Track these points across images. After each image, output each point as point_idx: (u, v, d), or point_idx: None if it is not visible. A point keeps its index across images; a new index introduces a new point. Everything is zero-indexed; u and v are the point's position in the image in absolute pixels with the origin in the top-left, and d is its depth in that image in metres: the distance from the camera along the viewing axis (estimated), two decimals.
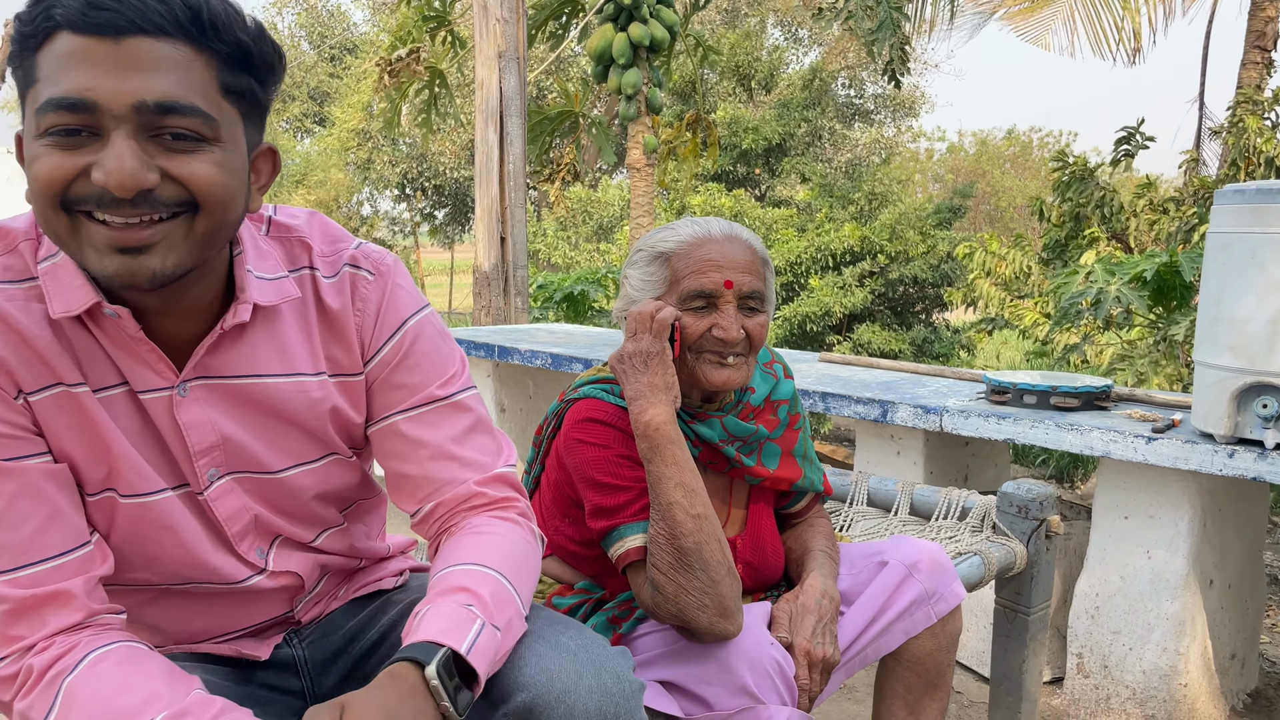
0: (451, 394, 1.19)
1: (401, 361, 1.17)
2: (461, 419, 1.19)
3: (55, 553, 0.99)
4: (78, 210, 0.92)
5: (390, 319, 1.16)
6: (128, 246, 0.92)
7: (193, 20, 0.90)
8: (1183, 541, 2.44)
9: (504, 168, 6.17)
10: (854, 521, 2.26)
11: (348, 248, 1.17)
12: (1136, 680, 2.49)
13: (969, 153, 27.31)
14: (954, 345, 11.74)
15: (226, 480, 1.12)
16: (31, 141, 0.92)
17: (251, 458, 1.12)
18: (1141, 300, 4.39)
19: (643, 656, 1.48)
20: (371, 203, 19.65)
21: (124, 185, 0.89)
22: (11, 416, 0.98)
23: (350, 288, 1.15)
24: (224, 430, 1.09)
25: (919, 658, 1.67)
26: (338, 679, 1.28)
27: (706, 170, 14.13)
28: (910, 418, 2.77)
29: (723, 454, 1.57)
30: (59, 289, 1.00)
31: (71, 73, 0.88)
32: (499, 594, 1.05)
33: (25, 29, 0.89)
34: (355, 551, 1.31)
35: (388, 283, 1.17)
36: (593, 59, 7.07)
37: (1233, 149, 6.65)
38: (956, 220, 12.86)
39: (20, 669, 0.96)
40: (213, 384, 1.08)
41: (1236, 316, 2.18)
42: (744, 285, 1.49)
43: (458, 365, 1.21)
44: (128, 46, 0.88)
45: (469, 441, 1.19)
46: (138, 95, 0.89)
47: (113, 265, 0.93)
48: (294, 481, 1.16)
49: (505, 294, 6.26)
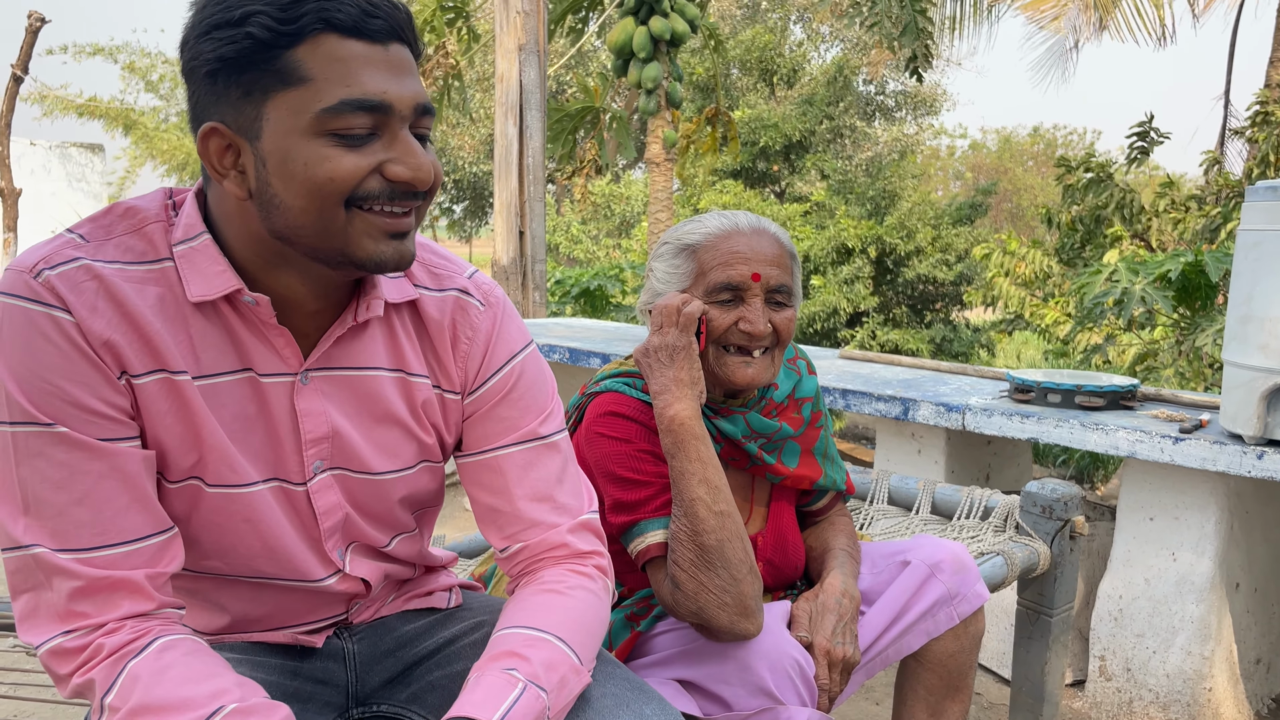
0: (550, 434, 1.20)
1: (507, 395, 1.18)
2: (555, 460, 1.21)
3: (134, 537, 1.00)
4: (355, 204, 0.97)
5: (501, 351, 1.18)
6: (399, 232, 1.00)
7: (409, 29, 0.99)
8: (1209, 544, 2.40)
9: (523, 161, 6.16)
10: (874, 520, 2.24)
11: (460, 272, 1.19)
12: (1160, 684, 2.45)
13: (991, 150, 27.16)
14: (974, 344, 11.66)
15: (327, 475, 1.13)
16: (306, 141, 0.94)
17: (355, 455, 1.13)
18: (1166, 300, 4.33)
19: (661, 655, 1.47)
20: None
21: (426, 179, 0.99)
22: (113, 397, 0.98)
23: (455, 311, 1.16)
24: (335, 424, 1.10)
25: (941, 659, 1.65)
26: (384, 679, 1.28)
27: (726, 166, 14.09)
28: (932, 416, 2.74)
29: (745, 451, 1.55)
30: (196, 273, 1.01)
31: (362, 75, 0.94)
32: (551, 658, 1.05)
33: (286, 27, 0.91)
34: (417, 558, 1.31)
35: (499, 314, 1.19)
36: (613, 53, 7.05)
37: (1263, 144, 6.56)
38: (979, 218, 12.77)
39: (89, 644, 0.96)
40: (332, 375, 1.10)
41: (1268, 315, 2.14)
42: (771, 279, 1.47)
43: (554, 404, 1.23)
44: (394, 51, 0.96)
45: (561, 485, 1.20)
46: (418, 98, 0.98)
47: (388, 250, 1.00)
48: (388, 485, 1.17)
49: (523, 288, 6.26)
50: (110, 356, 0.97)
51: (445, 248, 1.23)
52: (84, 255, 0.98)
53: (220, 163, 0.97)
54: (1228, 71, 9.33)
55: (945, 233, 11.54)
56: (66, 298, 0.95)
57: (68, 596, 0.96)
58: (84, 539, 0.97)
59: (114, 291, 0.97)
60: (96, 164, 13.64)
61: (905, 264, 11.53)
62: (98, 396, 0.97)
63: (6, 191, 9.83)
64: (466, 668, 1.20)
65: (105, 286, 0.97)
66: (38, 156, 13.16)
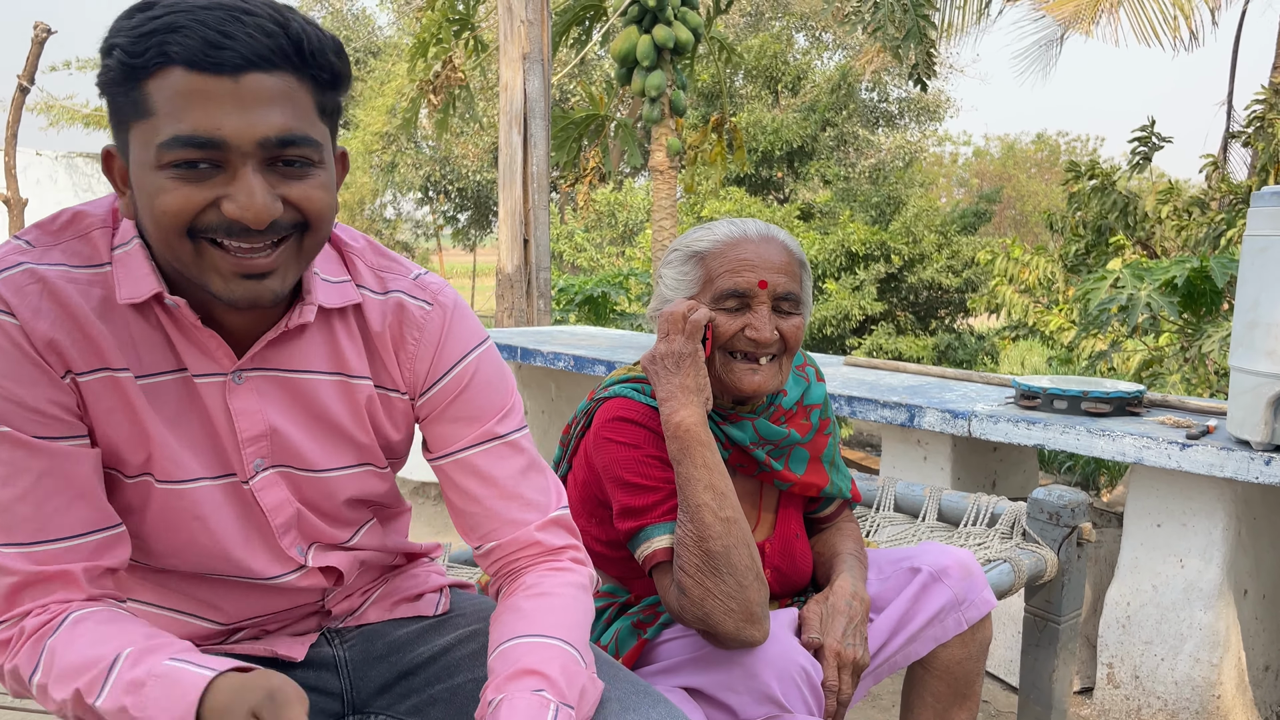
0: (508, 432, 1.21)
1: (460, 395, 1.18)
2: (518, 458, 1.21)
3: (76, 532, 1.02)
4: (202, 237, 0.96)
5: (451, 352, 1.18)
6: (252, 273, 0.98)
7: (296, 52, 0.95)
8: (1217, 550, 2.39)
9: (528, 169, 6.17)
10: (880, 527, 2.24)
11: (405, 274, 1.19)
12: (1168, 691, 2.44)
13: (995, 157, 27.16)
14: (978, 351, 11.64)
15: (271, 473, 1.14)
16: (151, 172, 0.94)
17: (297, 453, 1.14)
18: (1172, 306, 4.32)
19: (667, 663, 1.46)
20: (395, 205, 19.76)
21: (259, 219, 0.95)
22: (56, 395, 1.01)
23: (398, 313, 1.16)
24: (273, 422, 1.11)
25: (948, 666, 1.64)
26: (379, 685, 1.28)
27: (731, 173, 14.11)
28: (938, 422, 2.74)
29: (752, 457, 1.55)
30: (128, 276, 1.03)
31: (196, 110, 0.91)
32: (568, 668, 1.06)
33: (134, 60, 0.91)
34: (389, 547, 1.32)
35: (448, 314, 1.18)
36: (617, 61, 7.06)
37: (1262, 154, 6.56)
38: (982, 225, 12.76)
39: (14, 633, 1.00)
40: (268, 376, 1.11)
41: (1274, 320, 2.14)
42: (779, 286, 1.47)
43: (513, 402, 1.23)
44: (246, 83, 0.92)
45: (526, 481, 1.21)
46: (261, 131, 0.93)
47: (239, 290, 0.98)
48: (334, 483, 1.18)
49: (528, 296, 6.27)
50: (54, 356, 1.00)
51: (399, 255, 1.23)
52: (28, 260, 1.00)
53: (119, 182, 1.01)
54: (1230, 77, 9.33)
55: (952, 239, 11.53)
56: (10, 301, 0.97)
57: (8, 590, 1.00)
58: (25, 534, 1.00)
59: (58, 294, 1.00)
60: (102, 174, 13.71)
61: (910, 270, 11.52)
62: (42, 396, 0.99)
63: (12, 201, 9.87)
64: (468, 680, 1.20)
65: (49, 289, 1.00)
66: (44, 167, 13.21)
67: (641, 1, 6.59)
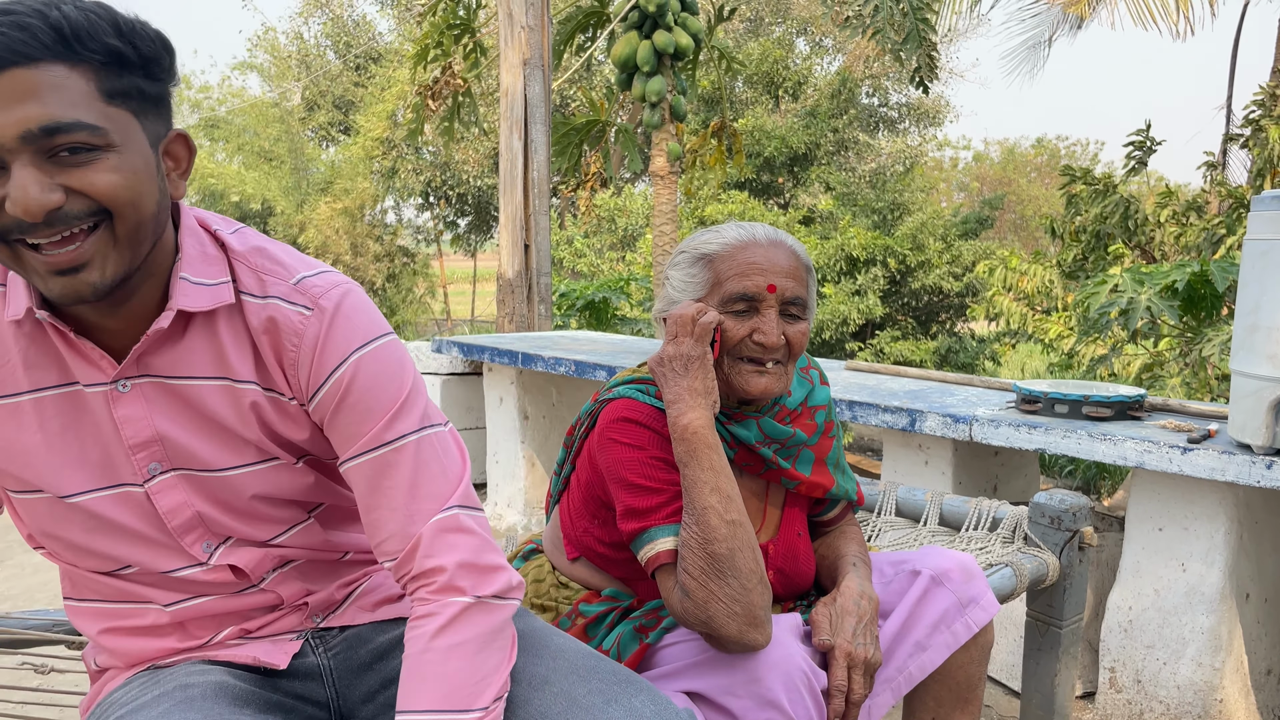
0: (395, 438, 1.16)
1: (343, 402, 1.15)
2: (405, 466, 1.16)
3: None
4: (14, 240, 0.97)
5: (330, 357, 1.14)
6: (63, 268, 0.98)
7: (58, 40, 0.93)
8: (1218, 554, 2.39)
9: (528, 175, 6.18)
10: (882, 531, 2.24)
11: (286, 279, 1.15)
12: (1171, 695, 2.44)
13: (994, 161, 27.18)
14: (979, 356, 11.65)
15: (170, 476, 1.15)
16: None
17: (192, 455, 1.15)
18: (1172, 310, 4.32)
19: (669, 667, 1.46)
20: (396, 211, 19.78)
21: (31, 211, 0.94)
22: None
23: (275, 317, 1.14)
24: (161, 428, 1.13)
25: (950, 670, 1.64)
26: (365, 694, 1.28)
27: (731, 178, 14.12)
28: (939, 427, 2.74)
29: (759, 455, 1.55)
30: (14, 295, 1.07)
31: None
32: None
33: None
34: (334, 545, 1.30)
35: (327, 318, 1.14)
36: (617, 66, 7.07)
37: (1258, 159, 6.56)
38: (984, 230, 12.78)
39: None
40: (154, 382, 1.13)
41: (1275, 324, 2.14)
42: (787, 291, 1.47)
43: (402, 402, 1.17)
44: (5, 81, 0.92)
45: (416, 490, 1.16)
46: (22, 126, 0.93)
47: (56, 286, 0.99)
48: (236, 481, 1.18)
49: (529, 301, 6.27)
50: None
51: (291, 254, 1.20)
52: None
53: None
54: (1229, 80, 9.34)
55: (953, 244, 11.56)
56: None
57: None
58: None
59: None
60: None
61: (912, 275, 11.54)
62: None
63: None
64: None
65: None
66: None
67: (642, 7, 6.59)
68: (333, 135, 19.85)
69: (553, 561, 1.68)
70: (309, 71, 19.27)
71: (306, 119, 19.19)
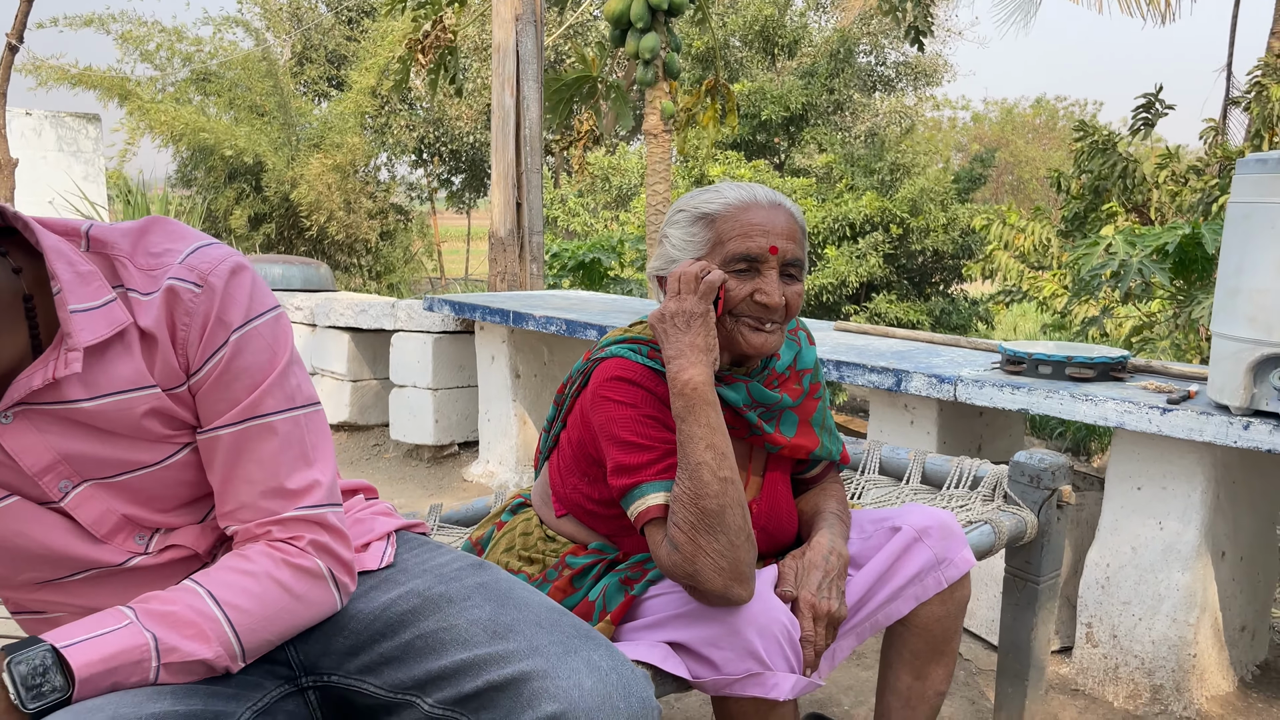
0: (268, 413, 1.16)
1: (221, 375, 1.14)
2: (271, 442, 1.17)
3: None
4: None
5: (218, 334, 1.13)
6: None
7: None
8: (1195, 513, 2.43)
9: (520, 132, 6.14)
10: (865, 489, 2.27)
11: (174, 260, 1.13)
12: (1145, 650, 2.50)
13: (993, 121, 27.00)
14: (971, 317, 11.68)
15: (85, 487, 1.14)
16: None
17: (102, 464, 1.13)
18: (1163, 272, 4.34)
19: (653, 618, 1.50)
20: (389, 167, 19.63)
21: None
22: None
23: (170, 304, 1.12)
24: (61, 449, 1.10)
25: (927, 624, 1.68)
26: (323, 648, 1.26)
27: (726, 138, 14.03)
28: (924, 387, 2.77)
29: (744, 419, 1.58)
30: None
31: None
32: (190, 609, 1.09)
33: None
34: None
35: (216, 294, 1.12)
36: (610, 22, 7.00)
37: (1256, 119, 6.55)
38: (976, 190, 12.74)
39: None
40: (37, 409, 1.09)
41: (1256, 287, 2.16)
42: (788, 252, 1.49)
43: (276, 378, 1.17)
44: None
45: (279, 469, 1.17)
46: None
47: None
48: (158, 475, 1.17)
49: (521, 260, 6.26)
50: None
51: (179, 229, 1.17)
52: None
53: None
54: (1230, 43, 9.28)
55: (948, 206, 11.53)
56: None
57: None
58: None
59: None
60: (91, 131, 13.50)
61: (911, 237, 11.53)
62: None
63: (3, 162, 9.79)
64: (415, 636, 1.19)
65: None
66: (30, 122, 13.05)
67: None
68: (324, 90, 19.64)
69: (540, 516, 1.71)
70: (300, 24, 19.01)
71: (298, 73, 18.97)
